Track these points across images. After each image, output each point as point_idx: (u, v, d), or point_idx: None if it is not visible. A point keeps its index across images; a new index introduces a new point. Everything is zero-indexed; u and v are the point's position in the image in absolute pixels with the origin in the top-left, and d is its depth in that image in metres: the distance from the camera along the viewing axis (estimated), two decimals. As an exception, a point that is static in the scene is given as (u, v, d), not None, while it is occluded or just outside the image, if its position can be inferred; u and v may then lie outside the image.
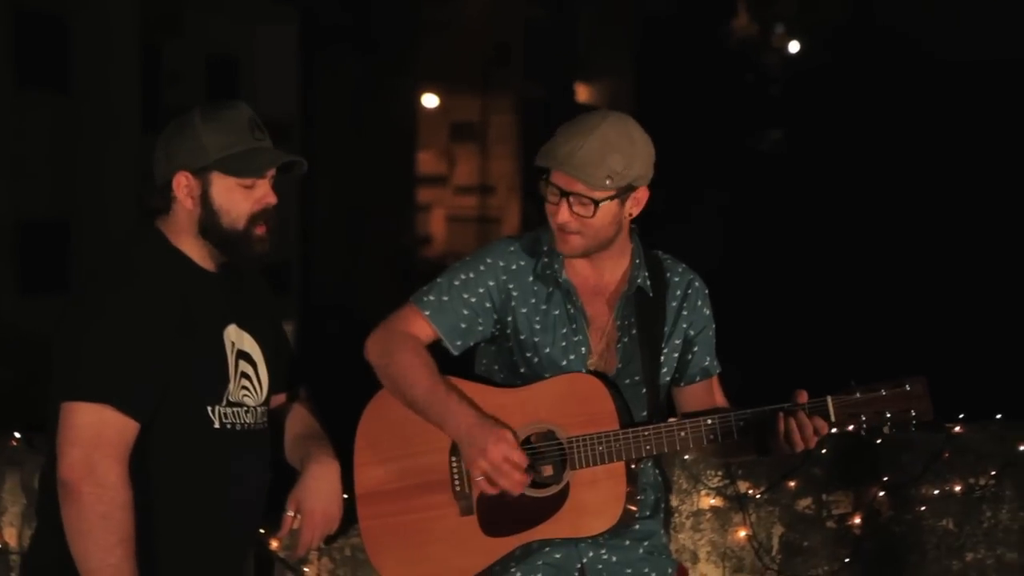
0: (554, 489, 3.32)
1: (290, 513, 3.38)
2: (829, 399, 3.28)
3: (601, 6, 39.54)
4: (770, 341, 22.41)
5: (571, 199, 3.32)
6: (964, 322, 24.57)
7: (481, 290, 3.42)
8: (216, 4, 24.01)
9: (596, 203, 3.31)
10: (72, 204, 20.16)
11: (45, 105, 19.76)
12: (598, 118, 3.33)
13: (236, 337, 3.32)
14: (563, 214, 3.33)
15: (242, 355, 3.33)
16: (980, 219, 33.91)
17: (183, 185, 3.23)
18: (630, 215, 3.39)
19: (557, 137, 3.34)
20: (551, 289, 3.42)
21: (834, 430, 3.30)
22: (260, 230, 3.26)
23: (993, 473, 4.10)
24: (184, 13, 23.16)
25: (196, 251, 3.28)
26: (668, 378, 3.49)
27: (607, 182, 3.29)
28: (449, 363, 3.45)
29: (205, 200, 3.23)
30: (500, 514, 3.34)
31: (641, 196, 3.39)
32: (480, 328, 3.43)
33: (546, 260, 3.43)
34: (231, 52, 24.79)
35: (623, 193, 3.34)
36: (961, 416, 4.14)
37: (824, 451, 4.02)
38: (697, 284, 3.51)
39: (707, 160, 36.47)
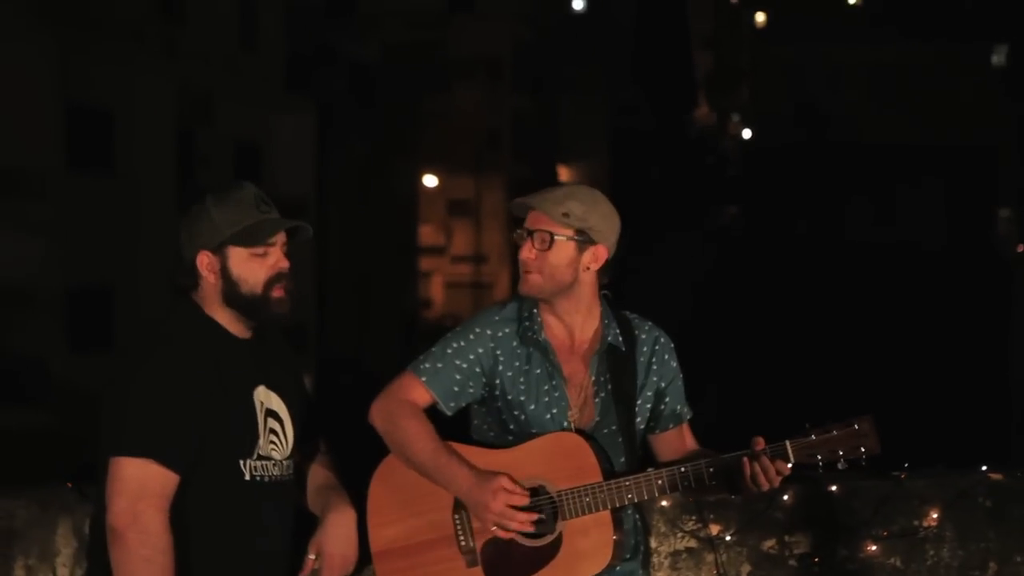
0: (549, 538, 3.29)
1: (311, 556, 3.34)
2: (787, 443, 3.25)
3: (579, 98, 39.80)
4: (731, 391, 22.39)
5: (533, 236, 3.33)
6: (908, 379, 24.57)
7: (471, 356, 3.38)
8: (242, 96, 24.13)
9: (552, 236, 3.30)
10: (115, 272, 20.14)
11: (92, 186, 19.79)
12: (571, 182, 3.41)
13: (264, 397, 3.29)
14: (525, 250, 3.34)
15: (270, 413, 3.30)
16: (914, 279, 34.03)
17: (205, 263, 3.23)
18: (588, 269, 3.36)
19: None
20: (531, 349, 3.39)
21: (790, 465, 3.25)
22: (278, 292, 3.24)
23: (935, 516, 4.06)
24: (214, 104, 23.25)
25: (226, 319, 3.26)
26: (643, 427, 3.45)
27: (564, 218, 3.30)
28: (446, 426, 3.42)
29: (225, 273, 3.22)
30: (502, 564, 3.30)
31: (600, 253, 3.36)
32: (471, 391, 3.40)
33: (527, 323, 3.40)
34: (255, 138, 24.87)
35: (582, 239, 3.32)
36: (906, 465, 4.11)
37: (786, 497, 3.98)
38: (663, 339, 3.47)
39: (673, 231, 36.61)
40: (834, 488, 4.01)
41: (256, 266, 3.23)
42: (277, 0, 26.07)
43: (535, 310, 3.42)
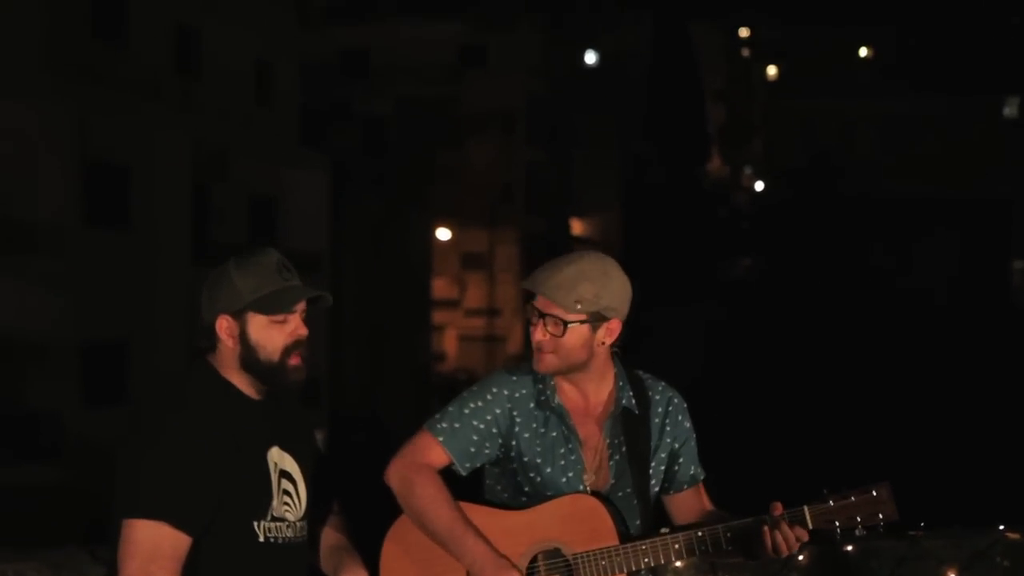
0: (565, 603, 3.26)
1: (324, 617, 3.33)
2: (806, 508, 3.21)
3: (593, 152, 39.95)
4: (743, 446, 22.22)
5: (546, 320, 3.29)
6: (923, 434, 24.37)
7: (488, 417, 3.36)
8: (257, 151, 24.24)
9: (565, 324, 3.27)
10: (131, 327, 20.16)
11: (108, 240, 19.85)
12: (581, 253, 3.32)
13: (278, 458, 3.29)
14: (538, 333, 3.31)
15: (284, 474, 3.29)
16: (929, 332, 33.86)
17: (224, 327, 3.23)
18: (603, 343, 3.33)
19: (543, 265, 3.33)
20: (547, 413, 3.37)
21: (808, 531, 3.22)
22: (294, 360, 3.24)
23: (952, 576, 4.02)
24: (230, 159, 23.36)
25: (241, 382, 3.26)
26: (657, 488, 3.43)
27: (577, 306, 3.26)
28: (460, 485, 3.39)
29: (243, 338, 3.22)
30: None
31: (614, 327, 3.33)
32: (487, 451, 3.37)
33: (541, 387, 3.38)
34: (270, 193, 24.95)
35: (595, 320, 3.29)
36: (923, 524, 4.06)
37: (801, 558, 3.94)
38: (676, 400, 3.45)
39: (686, 283, 36.62)
40: (850, 548, 3.97)
41: (275, 333, 3.24)
42: (292, 56, 26.27)
43: (549, 376, 3.41)
